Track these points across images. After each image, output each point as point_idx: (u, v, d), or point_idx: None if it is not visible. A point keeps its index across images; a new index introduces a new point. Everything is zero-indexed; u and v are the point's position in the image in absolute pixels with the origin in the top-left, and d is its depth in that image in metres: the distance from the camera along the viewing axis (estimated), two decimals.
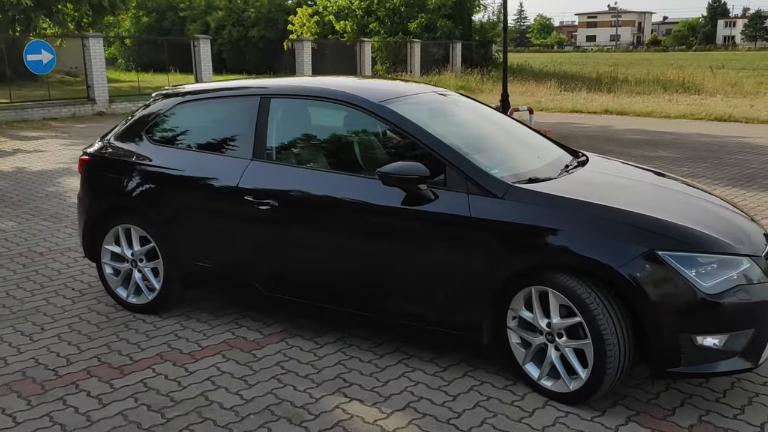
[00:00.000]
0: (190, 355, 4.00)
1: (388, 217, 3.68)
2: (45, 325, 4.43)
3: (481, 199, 3.49)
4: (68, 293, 5.01)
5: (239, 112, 4.31)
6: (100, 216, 4.62)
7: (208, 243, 4.26)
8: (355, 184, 3.84)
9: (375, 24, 32.36)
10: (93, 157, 4.74)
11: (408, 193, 3.60)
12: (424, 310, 3.70)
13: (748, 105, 20.14)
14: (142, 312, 4.59)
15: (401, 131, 3.80)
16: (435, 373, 3.76)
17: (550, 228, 3.33)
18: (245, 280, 4.21)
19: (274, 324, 4.42)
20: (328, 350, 4.04)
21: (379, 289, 3.81)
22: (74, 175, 9.75)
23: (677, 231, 3.27)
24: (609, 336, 3.17)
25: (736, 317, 3.19)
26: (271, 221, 4.00)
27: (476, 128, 4.46)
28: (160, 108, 4.62)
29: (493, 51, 33.77)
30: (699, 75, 28.98)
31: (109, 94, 18.54)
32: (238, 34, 39.70)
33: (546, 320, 3.40)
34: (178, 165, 4.34)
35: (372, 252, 3.76)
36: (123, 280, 4.65)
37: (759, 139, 13.60)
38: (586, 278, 3.24)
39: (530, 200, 3.43)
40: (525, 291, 3.43)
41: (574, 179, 3.85)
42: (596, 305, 3.19)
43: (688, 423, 3.25)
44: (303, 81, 4.61)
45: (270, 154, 4.12)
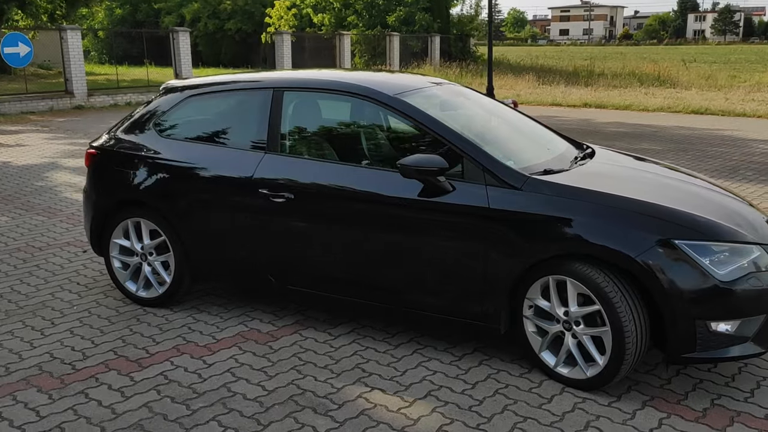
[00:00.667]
0: (206, 347, 4.02)
1: (405, 209, 3.73)
2: (55, 319, 4.42)
3: (499, 190, 3.55)
4: (74, 288, 4.98)
5: (252, 105, 4.32)
6: (109, 210, 4.60)
7: (220, 236, 4.28)
8: (371, 176, 3.88)
9: (353, 17, 32.30)
10: (100, 150, 4.72)
11: (426, 185, 3.65)
12: (441, 301, 3.76)
13: (723, 98, 20.52)
14: (152, 306, 4.59)
15: (418, 123, 3.85)
16: (451, 362, 3.82)
17: (568, 218, 3.41)
18: (259, 272, 4.23)
19: (286, 316, 4.45)
20: (343, 341, 4.09)
21: (397, 280, 3.85)
22: (62, 170, 9.65)
23: (691, 220, 3.36)
24: (627, 323, 3.26)
25: (748, 303, 3.30)
26: (286, 214, 4.03)
27: (486, 120, 4.52)
28: (169, 101, 4.61)
29: (471, 44, 33.89)
30: (674, 69, 29.44)
31: (87, 87, 18.29)
32: (214, 26, 39.36)
33: (563, 309, 3.48)
34: (189, 158, 4.34)
35: (390, 243, 3.81)
36: (132, 273, 4.64)
37: (737, 131, 13.88)
38: (604, 267, 3.33)
39: (548, 191, 3.50)
40: (542, 280, 3.50)
41: (587, 171, 3.93)
42: (615, 293, 3.27)
43: (701, 407, 3.36)
44: (315, 74, 4.63)
45: (284, 146, 4.14)
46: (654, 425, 3.19)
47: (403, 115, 3.90)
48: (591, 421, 3.23)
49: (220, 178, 4.23)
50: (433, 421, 3.23)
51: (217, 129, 4.46)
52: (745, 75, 29.23)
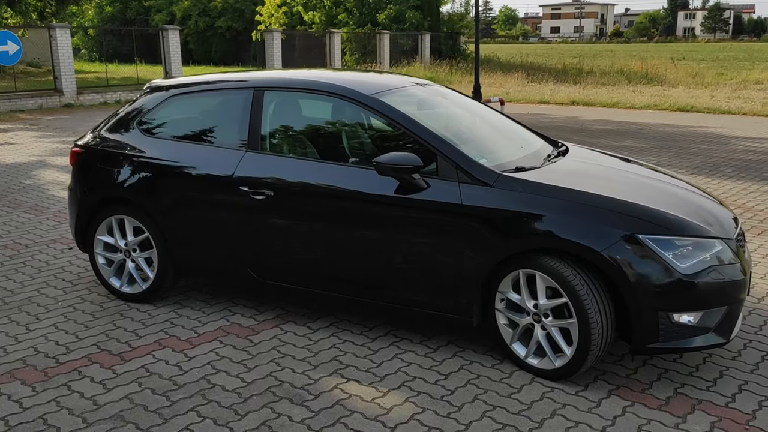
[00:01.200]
0: (187, 341, 4.11)
1: (382, 206, 3.83)
2: (40, 315, 4.50)
3: (471, 187, 3.66)
4: (59, 284, 5.07)
5: (233, 104, 4.41)
6: (93, 207, 4.69)
7: (203, 232, 4.37)
8: (348, 174, 3.98)
9: (344, 15, 32.35)
10: (85, 149, 4.80)
11: (401, 182, 3.75)
12: (417, 295, 3.87)
13: (709, 96, 20.71)
14: (136, 301, 4.69)
15: (394, 122, 3.96)
16: (426, 354, 3.93)
17: (537, 214, 3.52)
18: (240, 267, 4.33)
19: (267, 311, 4.55)
20: (321, 335, 4.19)
21: (374, 275, 3.96)
22: (50, 168, 9.72)
23: (656, 215, 3.48)
24: (593, 315, 3.38)
25: (709, 296, 3.42)
26: (266, 210, 4.13)
27: (463, 119, 4.64)
28: (153, 100, 4.70)
29: (461, 42, 34.02)
30: (662, 66, 29.64)
31: (76, 86, 18.31)
32: (204, 24, 39.37)
33: (533, 302, 3.59)
34: (172, 156, 4.43)
35: (366, 239, 3.91)
36: (116, 270, 4.73)
37: (720, 128, 14.05)
38: (572, 261, 3.44)
39: (519, 188, 3.62)
40: (513, 274, 3.62)
41: (558, 168, 4.05)
42: (581, 286, 3.39)
43: (665, 395, 3.48)
44: (295, 74, 4.73)
45: (264, 145, 4.24)
46: (618, 413, 3.32)
47: (379, 114, 4.01)
48: (557, 410, 3.35)
49: (202, 175, 4.32)
50: (406, 410, 3.34)
51: (200, 128, 4.56)
52: (732, 72, 29.49)
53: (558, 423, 3.23)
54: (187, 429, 3.19)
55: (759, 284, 5.01)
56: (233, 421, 3.25)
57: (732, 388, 3.56)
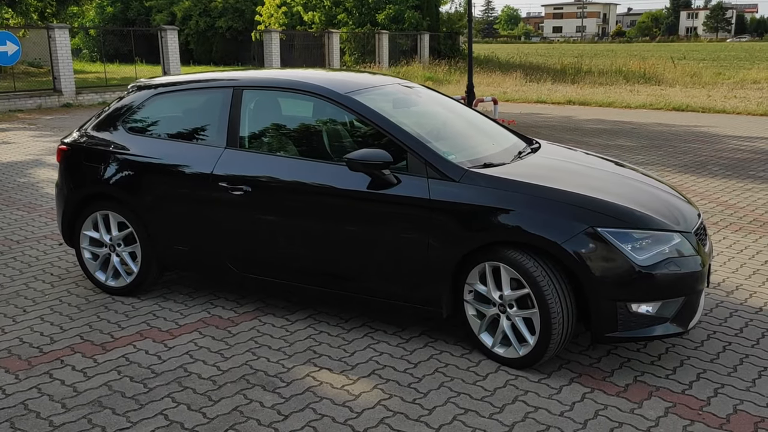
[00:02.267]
0: (168, 332, 4.25)
1: (354, 201, 3.96)
2: (27, 307, 4.64)
3: (439, 182, 3.79)
4: (47, 278, 5.21)
5: (213, 103, 4.55)
6: (79, 203, 4.82)
7: (184, 227, 4.51)
8: (323, 170, 4.11)
9: (343, 15, 32.50)
10: (71, 146, 4.94)
11: (372, 178, 3.89)
12: (388, 287, 4.00)
13: (706, 95, 20.82)
14: (121, 294, 4.82)
15: (366, 120, 4.09)
16: (398, 344, 4.06)
17: (501, 208, 3.65)
18: (219, 261, 4.47)
19: (247, 304, 4.68)
20: (299, 326, 4.32)
21: (347, 268, 4.09)
22: (45, 166, 9.86)
23: (615, 210, 3.61)
24: (554, 305, 3.50)
25: (667, 287, 3.55)
26: (244, 206, 4.26)
27: (437, 118, 4.76)
28: (136, 99, 4.84)
29: (461, 42, 34.13)
30: (660, 66, 29.74)
31: (75, 86, 18.48)
32: (204, 24, 39.56)
33: (498, 293, 3.72)
34: (154, 153, 4.57)
35: (340, 233, 4.04)
36: (101, 264, 4.87)
37: (713, 128, 14.15)
38: (534, 254, 3.57)
39: (484, 183, 3.74)
40: (480, 266, 3.75)
41: (526, 164, 4.18)
42: (543, 278, 3.52)
43: (624, 382, 3.61)
44: (273, 73, 4.86)
45: (243, 142, 4.37)
46: (577, 399, 3.44)
47: (352, 111, 4.14)
48: (519, 396, 3.47)
49: (184, 172, 4.46)
50: (373, 396, 3.47)
51: (182, 126, 4.69)
52: (731, 72, 29.57)
53: (518, 408, 3.36)
54: (161, 414, 3.33)
55: (729, 278, 5.13)
56: (206, 407, 3.38)
57: (690, 376, 3.68)
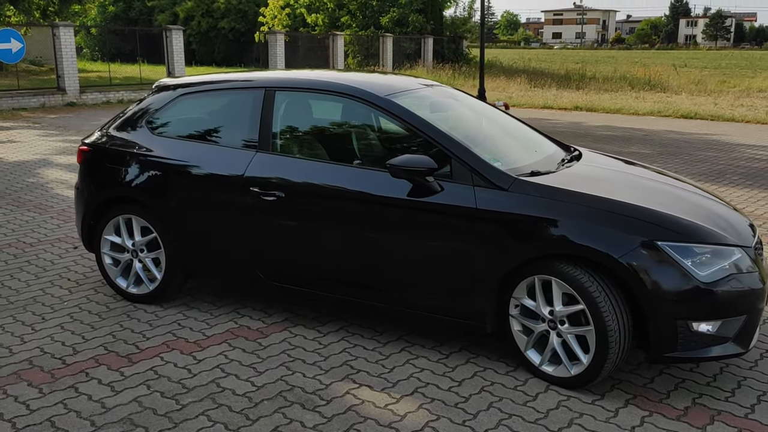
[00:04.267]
0: (195, 343, 4.05)
1: (394, 209, 3.78)
2: (45, 315, 4.44)
3: (486, 191, 3.61)
4: (64, 284, 5.01)
5: (243, 104, 4.36)
6: (100, 206, 4.63)
7: (211, 233, 4.32)
8: (360, 176, 3.93)
9: (347, 17, 32.35)
10: (92, 147, 4.75)
11: (415, 185, 3.70)
12: (430, 300, 3.81)
13: (712, 103, 20.69)
14: (143, 302, 4.63)
15: (407, 124, 3.90)
16: (438, 360, 3.87)
17: (553, 219, 3.47)
18: (248, 269, 4.28)
19: (275, 314, 4.49)
20: (331, 338, 4.13)
21: (386, 279, 3.90)
22: (54, 166, 9.66)
23: (674, 222, 3.43)
24: (611, 322, 3.32)
25: (729, 304, 3.37)
26: (276, 212, 4.07)
27: (475, 122, 4.58)
28: (161, 99, 4.64)
29: (464, 47, 34.01)
30: (665, 73, 29.67)
31: (79, 84, 18.26)
32: (207, 25, 39.37)
33: (548, 308, 3.54)
34: (181, 156, 4.38)
35: (378, 242, 3.86)
36: (123, 270, 4.67)
37: (725, 136, 14.01)
38: (589, 267, 3.39)
39: (535, 192, 3.56)
40: (528, 280, 3.56)
41: (573, 173, 4.00)
42: (598, 293, 3.33)
43: (683, 405, 3.43)
44: (307, 74, 4.68)
45: (275, 146, 4.19)
46: (636, 423, 3.26)
47: (392, 116, 3.95)
48: (574, 419, 3.29)
49: (212, 176, 4.27)
50: (420, 417, 3.28)
51: (209, 127, 4.50)
52: (735, 80, 29.47)
53: None
54: None
55: None
56: (244, 426, 3.19)
57: (750, 398, 3.50)
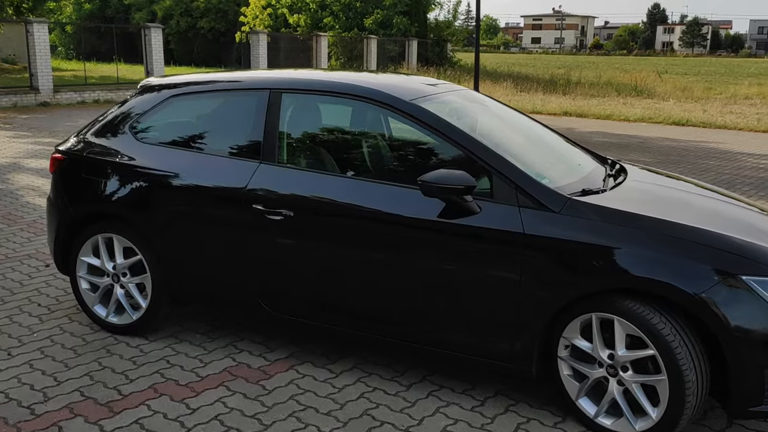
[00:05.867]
0: (188, 387, 3.47)
1: (424, 232, 3.24)
2: (12, 349, 3.83)
3: (535, 213, 3.08)
4: (34, 310, 4.39)
5: (243, 108, 3.80)
6: (76, 223, 4.03)
7: (206, 256, 3.75)
8: (385, 193, 3.37)
9: (329, 19, 31.74)
10: (68, 155, 4.14)
11: (450, 205, 3.16)
12: (465, 338, 3.28)
13: (701, 110, 20.45)
14: (124, 333, 4.03)
15: (439, 134, 3.36)
16: (473, 408, 3.33)
17: (616, 247, 2.95)
18: (249, 298, 3.71)
19: (278, 348, 3.92)
20: (345, 380, 3.58)
21: (413, 314, 3.36)
22: (25, 171, 8.97)
23: (760, 253, 2.92)
24: (688, 372, 2.81)
25: None
26: (284, 233, 3.51)
27: (509, 131, 4.04)
28: (148, 101, 4.05)
29: (448, 50, 33.60)
30: (651, 79, 29.50)
31: (53, 84, 17.47)
32: (186, 24, 38.50)
33: (608, 351, 3.02)
34: (171, 166, 3.79)
35: (404, 270, 3.31)
36: (102, 296, 4.07)
37: (721, 144, 13.67)
38: (659, 305, 2.87)
39: (593, 216, 3.04)
40: (583, 318, 3.04)
41: (628, 191, 3.48)
42: (673, 336, 2.82)
43: None
44: (316, 75, 4.11)
45: (282, 156, 3.62)
46: None
47: (421, 123, 3.40)
48: None
49: (207, 190, 3.69)
50: None
51: (204, 134, 3.93)
52: (720, 87, 29.39)
53: None
54: None
55: None
56: None
57: None
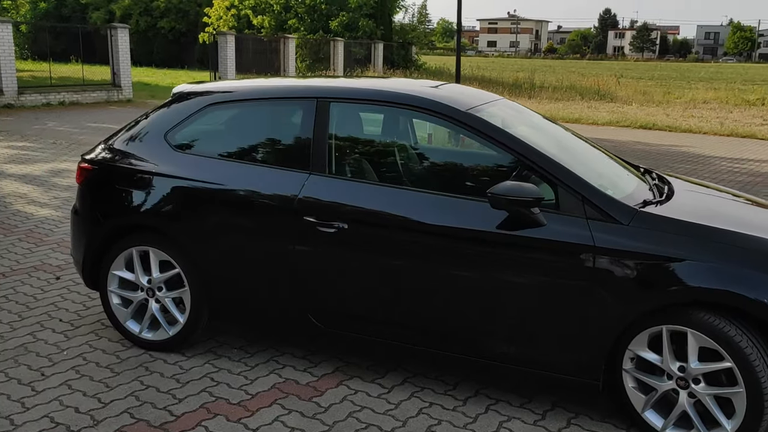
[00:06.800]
0: (241, 406, 3.36)
1: (488, 245, 3.20)
2: (44, 369, 3.65)
3: (604, 225, 3.07)
4: (57, 326, 4.20)
5: (290, 116, 3.71)
6: (109, 236, 3.87)
7: (251, 269, 3.63)
8: (443, 205, 3.32)
9: (294, 20, 31.55)
10: (97, 165, 3.97)
11: (517, 217, 3.13)
12: (528, 351, 3.24)
13: (664, 114, 20.94)
14: (160, 350, 3.89)
15: (500, 144, 3.32)
16: (535, 422, 3.30)
17: (688, 260, 2.95)
18: (297, 312, 3.61)
19: (322, 362, 3.83)
20: (399, 395, 3.51)
21: (474, 328, 3.31)
22: (5, 178, 8.61)
23: None
24: (766, 383, 2.83)
25: None
26: (337, 246, 3.42)
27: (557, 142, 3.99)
28: (185, 109, 3.90)
29: (413, 53, 33.73)
30: (611, 84, 30.10)
31: (18, 85, 16.89)
32: (146, 24, 37.78)
33: (678, 363, 3.02)
34: (213, 177, 3.67)
35: (466, 284, 3.26)
36: (135, 311, 3.92)
37: (692, 148, 13.98)
38: (734, 317, 2.88)
39: (664, 228, 3.04)
40: (652, 330, 3.04)
41: (684, 202, 3.50)
42: (751, 348, 2.84)
43: None
44: (365, 83, 4.03)
45: (332, 167, 3.53)
46: None
47: (481, 134, 3.36)
48: None
49: (254, 202, 3.58)
50: None
51: (247, 143, 3.82)
52: (678, 92, 30.14)
53: None
54: None
55: None
56: None
57: None
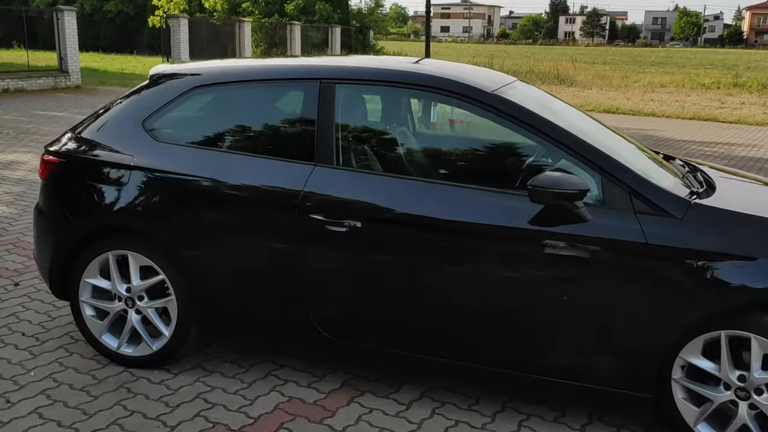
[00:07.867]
0: None
1: (526, 243, 2.83)
2: (9, 394, 3.16)
3: (656, 220, 2.73)
4: (20, 341, 3.69)
5: (289, 100, 3.27)
6: (80, 239, 3.38)
7: (248, 274, 3.20)
8: (469, 198, 2.93)
9: (248, 4, 30.69)
10: (65, 158, 3.46)
11: (560, 212, 2.77)
12: (567, 361, 2.89)
13: (624, 98, 21.00)
14: (141, 367, 3.43)
15: (534, 131, 2.95)
16: None
17: (756, 257, 2.64)
18: (303, 322, 3.19)
19: (327, 376, 3.42)
20: (419, 413, 3.13)
21: (510, 338, 2.95)
22: None
23: None
24: None
25: None
26: (349, 247, 3.01)
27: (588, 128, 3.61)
28: (165, 93, 3.41)
29: (371, 38, 33.23)
30: (569, 68, 30.18)
31: None
32: (91, 7, 36.34)
33: (737, 372, 2.71)
34: (203, 171, 3.21)
35: (501, 288, 2.90)
36: (111, 324, 3.44)
37: (658, 131, 13.90)
38: None
39: (725, 221, 2.72)
40: (709, 336, 2.72)
41: (733, 191, 3.20)
42: None
43: None
44: (372, 62, 3.59)
45: (339, 158, 3.11)
46: None
47: (512, 119, 2.98)
48: None
49: (252, 198, 3.14)
50: None
51: (241, 132, 3.37)
52: (635, 76, 30.39)
53: None
54: None
55: None
56: None
57: None
